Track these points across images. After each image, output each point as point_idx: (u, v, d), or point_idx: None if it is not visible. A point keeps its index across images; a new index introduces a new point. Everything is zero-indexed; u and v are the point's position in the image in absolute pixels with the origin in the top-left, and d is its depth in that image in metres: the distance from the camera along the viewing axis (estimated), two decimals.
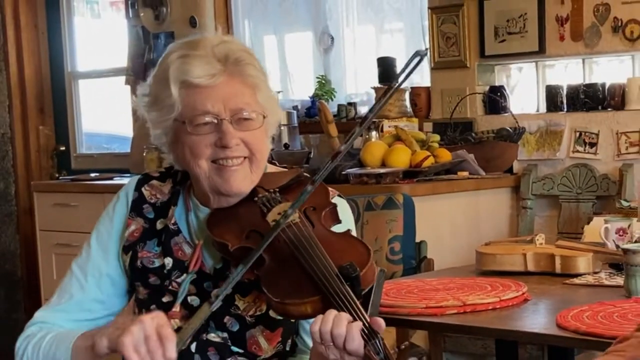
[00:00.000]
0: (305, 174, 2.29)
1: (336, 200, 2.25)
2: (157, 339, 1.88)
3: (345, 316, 1.90)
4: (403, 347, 2.11)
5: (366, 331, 1.89)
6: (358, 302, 1.93)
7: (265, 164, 2.25)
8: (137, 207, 2.28)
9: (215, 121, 2.11)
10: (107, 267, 2.29)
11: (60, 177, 6.86)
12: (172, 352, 1.89)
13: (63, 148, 7.25)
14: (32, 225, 6.62)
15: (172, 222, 2.24)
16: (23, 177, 7.19)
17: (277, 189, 2.19)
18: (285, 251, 2.04)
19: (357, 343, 1.87)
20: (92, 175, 6.45)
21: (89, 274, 2.28)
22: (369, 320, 1.91)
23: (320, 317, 1.92)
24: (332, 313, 1.91)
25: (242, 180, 2.15)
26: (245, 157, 2.14)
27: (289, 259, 2.03)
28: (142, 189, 2.29)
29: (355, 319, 1.90)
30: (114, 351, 1.94)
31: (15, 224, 7.19)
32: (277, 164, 2.49)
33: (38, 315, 2.29)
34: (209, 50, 2.11)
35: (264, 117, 2.15)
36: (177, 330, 2.14)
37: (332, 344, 1.89)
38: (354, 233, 2.20)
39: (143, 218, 2.27)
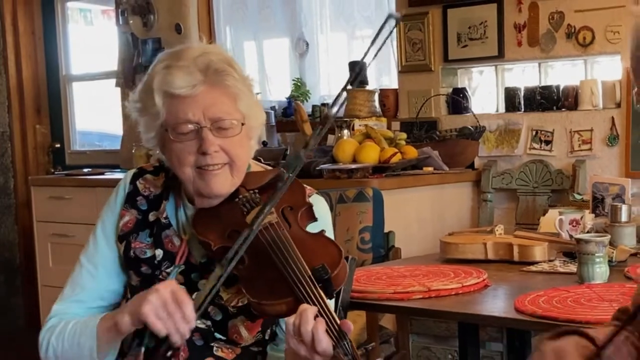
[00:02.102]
0: (284, 172, 2.24)
1: (313, 198, 2.20)
2: (174, 303, 1.88)
3: (312, 319, 1.83)
4: (370, 347, 2.06)
5: (335, 333, 1.83)
6: (329, 304, 1.88)
7: (248, 165, 2.21)
8: (131, 199, 2.25)
9: (196, 129, 2.07)
10: (114, 256, 2.25)
11: (56, 172, 6.79)
12: (191, 312, 1.89)
13: (58, 145, 7.23)
14: (29, 217, 6.57)
15: (164, 215, 2.21)
16: (21, 172, 7.15)
17: (257, 190, 2.15)
18: (263, 251, 1.99)
19: (324, 344, 1.82)
20: (85, 170, 6.40)
21: (99, 264, 2.23)
22: (338, 322, 1.85)
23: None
24: (305, 312, 1.85)
25: (223, 183, 2.11)
26: (225, 163, 2.11)
27: (266, 259, 1.99)
28: (137, 182, 2.26)
29: (326, 322, 1.84)
30: (137, 324, 1.94)
31: (14, 215, 7.16)
32: (262, 161, 2.45)
33: (55, 308, 2.24)
34: (191, 61, 2.08)
35: (243, 124, 2.12)
36: None
37: (302, 339, 1.84)
38: (329, 231, 2.16)
39: (136, 209, 2.24)
